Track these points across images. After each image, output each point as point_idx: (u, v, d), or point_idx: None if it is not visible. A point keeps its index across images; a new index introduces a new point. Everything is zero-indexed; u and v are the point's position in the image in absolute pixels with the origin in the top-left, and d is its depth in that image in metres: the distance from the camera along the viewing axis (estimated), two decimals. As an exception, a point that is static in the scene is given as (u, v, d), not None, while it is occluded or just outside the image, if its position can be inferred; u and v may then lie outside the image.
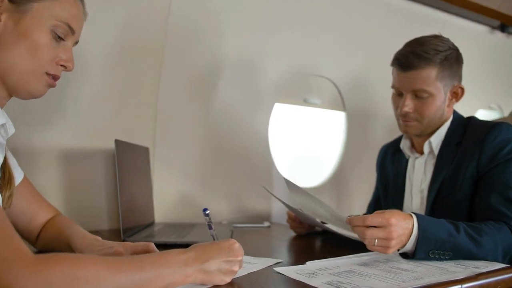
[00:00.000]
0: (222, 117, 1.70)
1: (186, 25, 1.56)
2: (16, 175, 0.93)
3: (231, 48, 1.67)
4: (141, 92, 1.53)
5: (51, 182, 1.34)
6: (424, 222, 0.91)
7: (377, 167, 1.50)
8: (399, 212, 0.91)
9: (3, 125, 0.84)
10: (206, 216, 0.80)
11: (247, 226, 1.56)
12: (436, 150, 1.22)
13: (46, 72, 0.83)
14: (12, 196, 0.84)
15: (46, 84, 0.84)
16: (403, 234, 0.88)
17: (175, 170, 1.63)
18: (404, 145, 1.32)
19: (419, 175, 1.26)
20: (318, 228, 1.33)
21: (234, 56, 1.68)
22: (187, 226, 1.37)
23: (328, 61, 1.95)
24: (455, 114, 1.25)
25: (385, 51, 1.42)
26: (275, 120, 1.87)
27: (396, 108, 1.23)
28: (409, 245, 0.90)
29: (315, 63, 1.92)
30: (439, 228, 0.92)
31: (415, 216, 0.91)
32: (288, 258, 1.02)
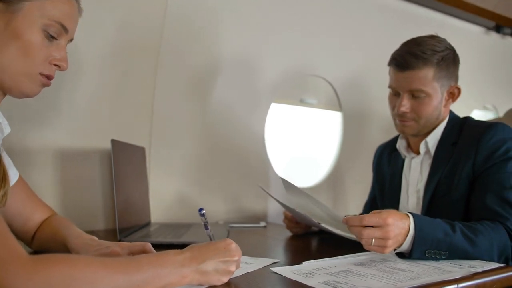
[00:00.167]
0: (219, 117, 1.69)
1: (183, 24, 1.55)
2: (11, 175, 0.93)
3: (227, 48, 1.67)
4: (137, 91, 1.52)
5: (47, 182, 1.34)
6: (420, 222, 0.91)
7: (373, 167, 1.50)
8: (395, 212, 0.91)
9: (-2, 124, 0.83)
10: (202, 216, 0.80)
11: (243, 226, 1.56)
12: (432, 150, 1.22)
13: (40, 73, 0.81)
14: (6, 194, 0.84)
15: (40, 84, 0.83)
16: (400, 234, 0.89)
17: (172, 170, 1.62)
18: (400, 145, 1.33)
19: (415, 175, 1.26)
20: (314, 228, 1.33)
21: (230, 56, 1.68)
22: (183, 226, 1.37)
23: (324, 61, 1.95)
24: (451, 114, 1.26)
25: (381, 52, 1.42)
26: (272, 120, 1.87)
27: (393, 108, 1.24)
28: (405, 244, 0.90)
29: (312, 64, 1.93)
30: (435, 228, 0.92)
31: (411, 216, 0.91)
32: (284, 258, 1.02)
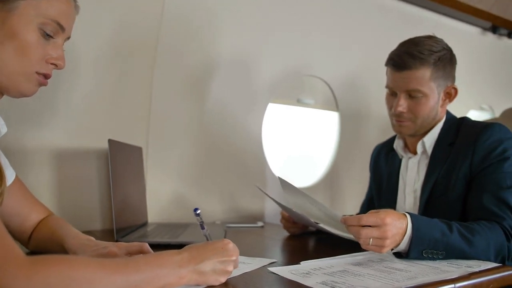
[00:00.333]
0: (216, 117, 1.69)
1: (180, 24, 1.55)
2: (8, 175, 0.92)
3: (225, 48, 1.67)
4: (134, 91, 1.52)
5: (44, 182, 1.33)
6: (417, 221, 0.91)
7: (370, 167, 1.51)
8: (393, 211, 0.91)
9: (-5, 124, 0.83)
10: (197, 216, 0.80)
11: (240, 226, 1.56)
12: (429, 150, 1.23)
13: (37, 72, 0.81)
14: (3, 195, 0.83)
15: (37, 84, 0.82)
16: (397, 234, 0.89)
17: (169, 170, 1.62)
18: (398, 145, 1.33)
19: (412, 175, 1.27)
20: (311, 228, 1.33)
21: (228, 56, 1.68)
22: (180, 226, 1.37)
23: (321, 61, 1.95)
24: (448, 114, 1.26)
25: (378, 52, 1.43)
26: (269, 120, 1.87)
27: (390, 108, 1.24)
28: (402, 244, 0.91)
29: (309, 63, 1.93)
30: (433, 227, 0.92)
31: (409, 216, 0.91)
32: (282, 258, 1.02)
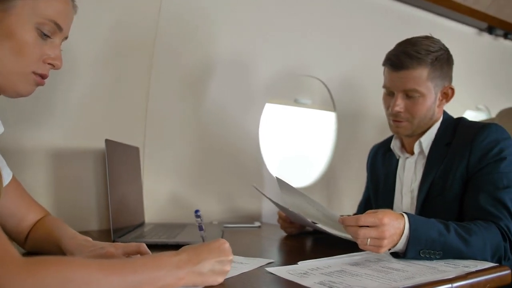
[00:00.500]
0: (213, 117, 1.69)
1: (177, 24, 1.55)
2: (4, 175, 0.92)
3: (222, 48, 1.67)
4: (131, 91, 1.51)
5: (40, 182, 1.33)
6: (415, 221, 0.91)
7: (367, 167, 1.51)
8: (391, 211, 0.91)
9: (-9, 124, 0.83)
10: (198, 217, 0.79)
11: (237, 226, 1.56)
12: (426, 150, 1.23)
13: (33, 72, 0.80)
14: (0, 195, 0.83)
15: (34, 83, 0.82)
16: (395, 234, 0.89)
17: (166, 170, 1.62)
18: (395, 145, 1.33)
19: (409, 175, 1.27)
20: (308, 228, 1.33)
21: (225, 56, 1.68)
22: (177, 226, 1.37)
23: (318, 61, 1.96)
24: (445, 114, 1.26)
25: (375, 52, 1.43)
26: (266, 120, 1.87)
27: (387, 108, 1.24)
28: (400, 244, 0.91)
29: (306, 64, 1.93)
30: (430, 227, 0.92)
31: (406, 216, 0.92)
32: (279, 258, 1.02)
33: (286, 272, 0.81)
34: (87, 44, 1.39)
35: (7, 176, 0.93)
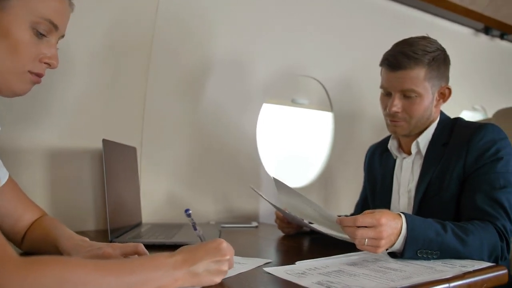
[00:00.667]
0: (210, 117, 1.69)
1: (175, 24, 1.55)
2: (1, 175, 0.92)
3: (219, 48, 1.67)
4: (128, 91, 1.51)
5: (37, 182, 1.32)
6: (412, 222, 0.92)
7: (364, 167, 1.51)
8: (388, 212, 0.91)
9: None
10: (188, 216, 0.78)
11: (235, 226, 1.55)
12: (423, 150, 1.23)
13: (29, 71, 0.80)
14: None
15: (30, 82, 0.81)
16: (392, 234, 0.89)
17: (163, 170, 1.61)
18: (392, 145, 1.33)
19: (407, 175, 1.27)
20: (306, 228, 1.33)
21: (222, 56, 1.68)
22: (175, 227, 1.37)
23: (316, 61, 1.96)
24: (442, 115, 1.27)
25: (372, 52, 1.43)
26: (263, 120, 1.87)
27: (384, 108, 1.24)
28: (397, 244, 0.91)
29: (303, 64, 1.93)
30: (427, 227, 0.93)
31: (403, 216, 0.92)
32: (277, 258, 1.02)
33: (284, 272, 0.81)
34: (84, 43, 1.38)
35: (3, 176, 0.93)
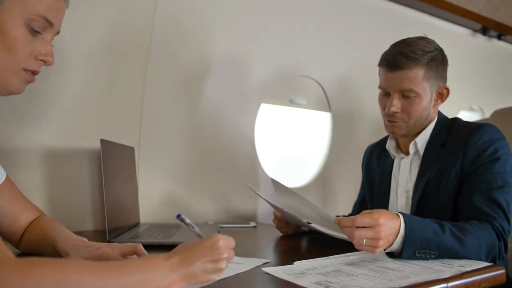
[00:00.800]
0: (208, 117, 1.69)
1: (173, 24, 1.55)
2: (-2, 175, 0.91)
3: (217, 48, 1.67)
4: (126, 91, 1.51)
5: (35, 182, 1.32)
6: (410, 222, 0.92)
7: (362, 167, 1.51)
8: (386, 212, 0.91)
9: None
10: (182, 221, 0.76)
11: (233, 226, 1.55)
12: (421, 150, 1.23)
13: (24, 68, 0.79)
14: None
15: (24, 81, 0.81)
16: (391, 234, 0.89)
17: (161, 170, 1.61)
18: (390, 145, 1.34)
19: (405, 176, 1.27)
20: (304, 228, 1.33)
21: (220, 56, 1.68)
22: (173, 227, 1.36)
23: (314, 62, 1.96)
24: (439, 115, 1.27)
25: (370, 52, 1.43)
26: (261, 120, 1.87)
27: (383, 108, 1.24)
28: (395, 244, 0.91)
29: (301, 64, 1.93)
30: (425, 227, 0.93)
31: (402, 216, 0.92)
32: (275, 258, 1.02)
33: (282, 272, 0.82)
34: (82, 43, 1.38)
35: (0, 176, 0.93)
